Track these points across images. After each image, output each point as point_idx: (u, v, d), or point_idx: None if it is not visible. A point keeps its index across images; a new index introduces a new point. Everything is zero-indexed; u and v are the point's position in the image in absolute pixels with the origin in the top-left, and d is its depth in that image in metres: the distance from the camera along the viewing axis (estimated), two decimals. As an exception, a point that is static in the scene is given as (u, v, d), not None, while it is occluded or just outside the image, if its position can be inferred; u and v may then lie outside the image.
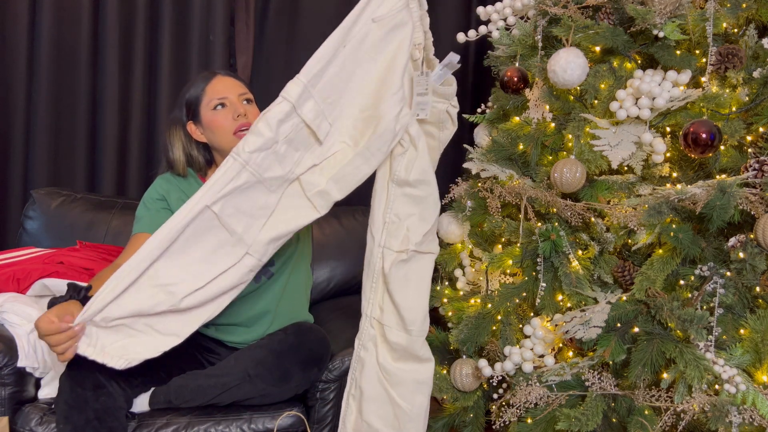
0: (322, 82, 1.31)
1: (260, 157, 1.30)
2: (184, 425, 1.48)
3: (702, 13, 1.55)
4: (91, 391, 1.33)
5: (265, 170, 1.31)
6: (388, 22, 1.33)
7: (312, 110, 1.31)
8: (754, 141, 1.57)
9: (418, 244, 1.41)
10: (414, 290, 1.42)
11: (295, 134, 1.32)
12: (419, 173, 1.39)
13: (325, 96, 1.32)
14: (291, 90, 1.29)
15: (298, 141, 1.33)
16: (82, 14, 2.29)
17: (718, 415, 1.38)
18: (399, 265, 1.39)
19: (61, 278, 1.61)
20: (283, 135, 1.30)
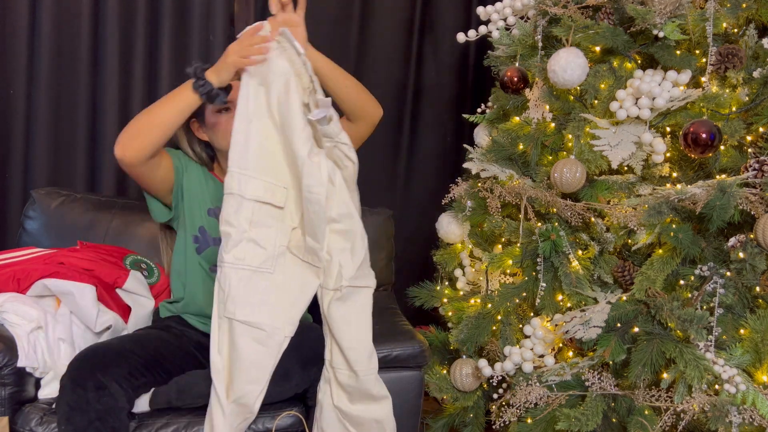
0: (251, 160, 1.35)
1: (241, 252, 1.34)
2: (184, 425, 1.48)
3: (702, 13, 1.55)
4: (92, 391, 1.33)
5: (251, 260, 1.35)
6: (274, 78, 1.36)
7: (258, 187, 1.35)
8: (754, 141, 1.57)
9: (352, 279, 1.40)
10: (354, 329, 1.41)
11: (257, 216, 1.35)
12: (340, 207, 1.39)
13: (260, 169, 1.36)
14: (229, 184, 1.34)
15: (263, 219, 1.36)
16: (82, 14, 2.29)
17: (718, 415, 1.38)
18: (336, 305, 1.40)
19: (61, 278, 1.61)
20: (246, 222, 1.34)
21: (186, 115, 1.43)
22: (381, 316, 1.83)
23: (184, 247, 1.63)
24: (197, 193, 1.63)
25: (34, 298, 1.62)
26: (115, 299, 1.70)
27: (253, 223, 1.35)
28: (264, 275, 1.36)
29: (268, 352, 1.35)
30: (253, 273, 1.35)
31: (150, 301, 1.78)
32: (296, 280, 1.38)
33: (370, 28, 2.61)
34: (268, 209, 1.36)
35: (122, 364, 1.40)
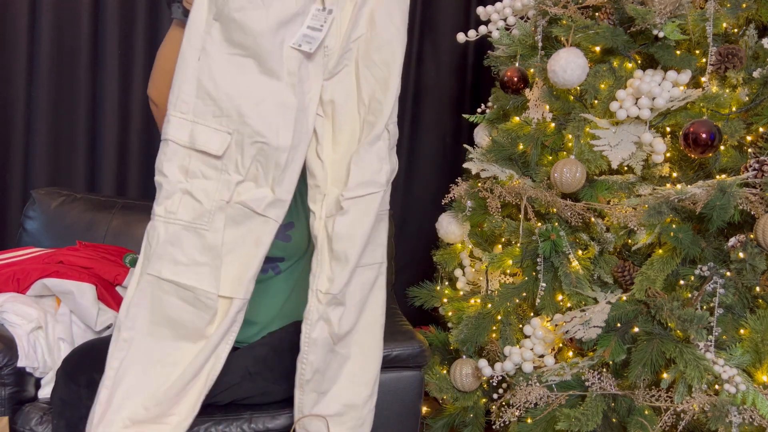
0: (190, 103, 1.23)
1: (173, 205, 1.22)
2: (184, 425, 1.48)
3: (702, 13, 1.55)
4: (85, 387, 1.33)
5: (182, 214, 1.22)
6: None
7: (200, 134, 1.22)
8: (754, 141, 1.57)
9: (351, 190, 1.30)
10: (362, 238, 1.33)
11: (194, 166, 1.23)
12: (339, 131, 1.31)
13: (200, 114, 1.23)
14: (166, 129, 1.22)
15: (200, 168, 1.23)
16: (82, 14, 2.29)
17: (718, 415, 1.38)
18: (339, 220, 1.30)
19: (61, 278, 1.61)
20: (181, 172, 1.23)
21: None
22: (381, 316, 1.83)
23: None
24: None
25: (34, 297, 1.62)
26: (115, 297, 1.71)
27: (189, 173, 1.23)
28: (197, 232, 1.23)
29: (197, 313, 1.23)
30: (183, 229, 1.22)
31: (150, 300, 1.78)
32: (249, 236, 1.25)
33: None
34: (205, 158, 1.23)
35: None
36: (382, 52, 1.30)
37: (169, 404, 1.23)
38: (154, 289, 1.21)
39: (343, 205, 1.28)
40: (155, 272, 1.21)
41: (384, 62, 1.30)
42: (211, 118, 1.23)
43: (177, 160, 1.22)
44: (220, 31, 1.21)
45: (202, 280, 1.22)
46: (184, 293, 1.22)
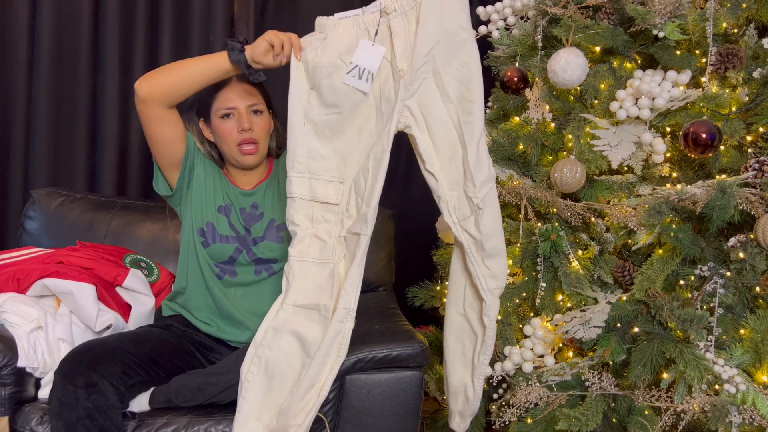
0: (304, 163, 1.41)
1: (306, 247, 1.41)
2: (184, 425, 1.48)
3: (702, 13, 1.55)
4: (82, 388, 1.33)
5: (313, 252, 1.41)
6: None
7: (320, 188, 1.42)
8: (754, 141, 1.57)
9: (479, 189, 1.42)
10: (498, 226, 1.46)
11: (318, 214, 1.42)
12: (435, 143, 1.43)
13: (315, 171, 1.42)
14: (289, 189, 1.41)
15: (324, 215, 1.42)
16: (82, 14, 2.29)
17: (718, 415, 1.38)
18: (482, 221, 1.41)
19: (61, 278, 1.61)
20: (308, 221, 1.41)
21: (211, 76, 1.46)
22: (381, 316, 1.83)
23: (190, 239, 1.64)
24: (209, 188, 1.64)
25: (34, 298, 1.62)
26: (115, 298, 1.70)
27: (314, 219, 1.42)
28: (324, 265, 1.42)
29: (318, 327, 1.39)
30: (314, 265, 1.41)
31: (150, 299, 1.78)
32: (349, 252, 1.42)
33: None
34: (326, 206, 1.42)
35: (116, 361, 1.40)
36: (460, 55, 1.38)
37: (294, 413, 1.37)
38: (289, 316, 1.39)
39: (480, 205, 1.40)
40: (291, 302, 1.39)
41: (464, 64, 1.39)
42: (324, 173, 1.42)
43: (303, 211, 1.42)
44: (316, 98, 1.39)
45: (323, 297, 1.40)
46: (310, 313, 1.40)
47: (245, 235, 1.63)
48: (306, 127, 1.40)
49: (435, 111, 1.40)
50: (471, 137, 1.39)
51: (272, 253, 1.63)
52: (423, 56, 1.35)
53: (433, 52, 1.36)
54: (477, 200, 1.39)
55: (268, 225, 1.64)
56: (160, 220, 2.07)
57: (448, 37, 1.37)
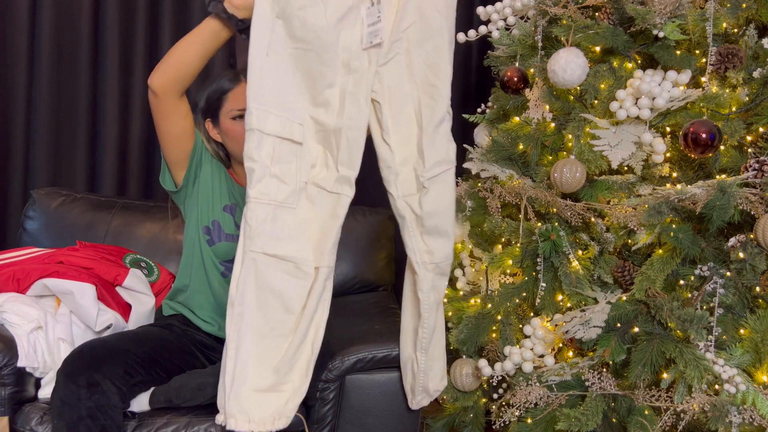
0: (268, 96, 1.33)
1: (265, 187, 1.33)
2: (184, 425, 1.48)
3: (702, 13, 1.55)
4: (84, 388, 1.33)
5: (275, 195, 1.34)
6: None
7: (276, 123, 1.33)
8: (754, 141, 1.57)
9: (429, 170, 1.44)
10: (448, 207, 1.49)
11: (278, 152, 1.34)
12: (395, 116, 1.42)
13: (279, 105, 1.34)
14: (249, 120, 1.31)
15: (284, 155, 1.35)
16: (82, 14, 2.29)
17: (718, 415, 1.38)
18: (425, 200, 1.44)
19: (61, 278, 1.61)
20: (268, 158, 1.33)
21: (207, 44, 1.44)
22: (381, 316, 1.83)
23: (195, 237, 1.64)
24: (216, 186, 1.64)
25: (34, 298, 1.62)
26: (116, 298, 1.71)
27: (274, 158, 1.35)
28: (288, 210, 1.36)
29: (298, 283, 1.34)
30: (277, 208, 1.35)
31: (150, 298, 1.78)
32: (325, 211, 1.39)
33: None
34: (288, 145, 1.36)
35: (117, 361, 1.40)
36: (433, 40, 1.43)
37: (284, 373, 1.33)
38: (258, 266, 1.31)
39: (425, 184, 1.43)
40: (259, 249, 1.31)
41: (435, 48, 1.44)
42: (286, 110, 1.34)
43: (264, 146, 1.33)
44: (283, 28, 1.32)
45: (301, 250, 1.34)
46: (285, 265, 1.33)
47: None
48: (270, 58, 1.33)
49: (400, 87, 1.42)
50: (429, 120, 1.43)
51: None
52: (399, 32, 1.38)
53: (409, 30, 1.39)
54: (423, 179, 1.43)
55: None
56: (160, 220, 2.07)
57: (424, 20, 1.41)
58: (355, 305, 1.97)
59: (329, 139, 1.37)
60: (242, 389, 1.28)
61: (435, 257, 1.47)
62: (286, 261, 1.33)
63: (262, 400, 1.31)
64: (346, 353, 1.56)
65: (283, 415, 1.33)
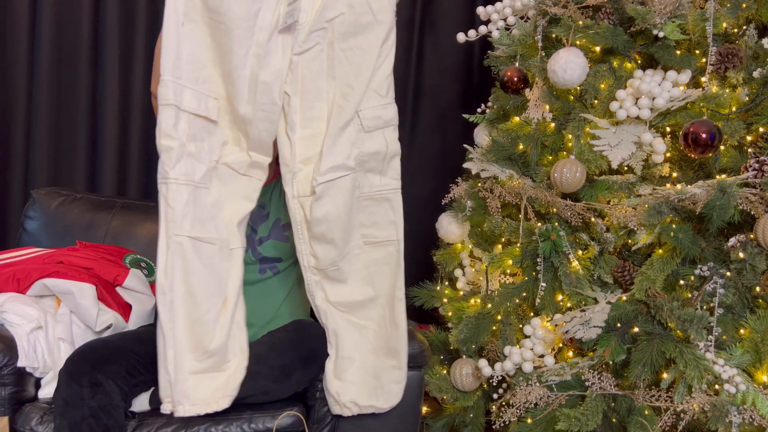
0: (183, 68, 1.27)
1: (182, 167, 1.28)
2: (185, 425, 1.47)
3: (702, 13, 1.55)
4: (87, 388, 1.33)
5: (192, 174, 1.30)
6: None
7: (192, 98, 1.28)
8: (754, 141, 1.57)
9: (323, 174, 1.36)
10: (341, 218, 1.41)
11: (193, 129, 1.29)
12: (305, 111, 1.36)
13: (194, 78, 1.28)
14: (163, 93, 1.26)
15: (199, 132, 1.30)
16: (82, 14, 2.29)
17: (718, 415, 1.38)
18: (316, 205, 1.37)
19: (61, 278, 1.61)
20: (184, 135, 1.28)
21: None
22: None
23: None
24: None
25: (34, 298, 1.62)
26: (116, 298, 1.70)
27: (189, 136, 1.29)
28: (204, 191, 1.32)
29: (222, 264, 1.33)
30: (195, 188, 1.31)
31: (151, 298, 1.78)
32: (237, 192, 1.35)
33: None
34: (203, 122, 1.30)
35: (120, 361, 1.40)
36: (358, 38, 1.33)
37: (221, 355, 1.32)
38: (184, 250, 1.28)
39: (317, 190, 1.34)
40: (185, 233, 1.28)
41: (359, 47, 1.34)
42: (201, 84, 1.28)
43: (181, 123, 1.27)
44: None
45: (220, 231, 1.32)
46: (210, 248, 1.30)
47: (251, 235, 1.63)
48: (186, 28, 1.27)
49: (316, 81, 1.35)
50: (336, 121, 1.35)
51: (277, 251, 1.63)
52: (324, 20, 1.31)
53: (335, 21, 1.32)
54: (315, 183, 1.35)
55: (273, 224, 1.65)
56: (160, 220, 2.07)
57: (353, 14, 1.33)
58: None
59: (239, 123, 1.32)
60: (181, 375, 1.28)
61: (320, 263, 1.42)
62: (210, 243, 1.30)
63: (202, 382, 1.30)
64: (346, 353, 1.56)
65: (226, 394, 1.32)
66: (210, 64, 1.29)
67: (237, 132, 1.33)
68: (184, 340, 1.28)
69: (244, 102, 1.29)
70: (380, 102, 1.38)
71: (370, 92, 1.36)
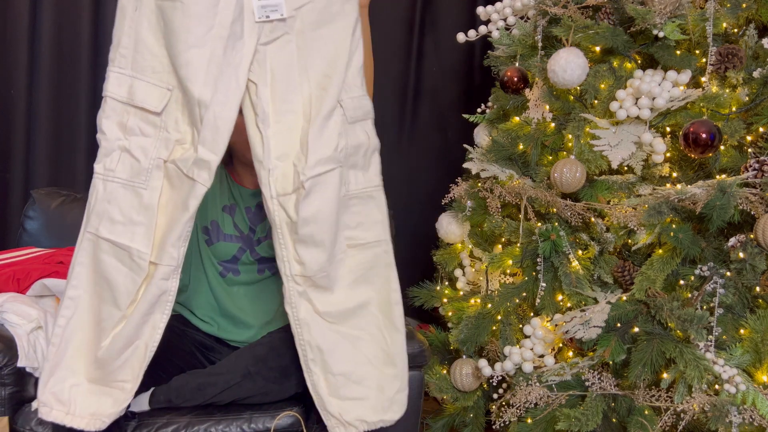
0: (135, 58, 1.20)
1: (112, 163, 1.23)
2: (184, 425, 1.48)
3: (702, 13, 1.55)
4: None
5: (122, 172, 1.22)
6: None
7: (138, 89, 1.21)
8: (754, 141, 1.57)
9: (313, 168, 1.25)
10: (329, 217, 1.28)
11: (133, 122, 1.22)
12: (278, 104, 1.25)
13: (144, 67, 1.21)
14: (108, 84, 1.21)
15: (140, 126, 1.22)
16: (82, 14, 2.29)
17: (718, 415, 1.38)
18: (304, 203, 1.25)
19: (61, 278, 1.61)
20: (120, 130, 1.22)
21: None
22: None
23: (194, 237, 1.64)
24: (216, 187, 1.63)
25: (34, 298, 1.62)
26: (115, 299, 1.71)
27: (127, 130, 1.22)
28: (134, 191, 1.22)
29: (130, 275, 1.21)
30: (122, 187, 1.22)
31: (150, 300, 1.78)
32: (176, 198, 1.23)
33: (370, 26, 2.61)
34: (143, 114, 1.21)
35: None
36: (329, 27, 1.27)
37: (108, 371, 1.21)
38: (93, 248, 1.21)
39: (306, 185, 1.23)
40: (93, 230, 1.20)
41: (330, 37, 1.27)
42: (151, 74, 1.21)
43: (116, 116, 1.21)
44: None
45: (136, 239, 1.20)
46: (119, 253, 1.20)
47: (249, 235, 1.63)
48: (137, 13, 1.20)
49: (288, 73, 1.26)
50: (318, 113, 1.26)
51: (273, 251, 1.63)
52: (292, 9, 1.24)
53: (303, 9, 1.25)
54: (304, 177, 1.23)
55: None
56: (160, 220, 2.07)
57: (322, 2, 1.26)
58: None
59: (193, 110, 1.21)
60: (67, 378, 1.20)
61: (307, 269, 1.27)
62: (119, 248, 1.20)
63: (86, 395, 1.21)
64: (346, 353, 1.56)
65: (104, 416, 1.21)
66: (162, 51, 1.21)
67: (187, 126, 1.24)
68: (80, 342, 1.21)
69: (201, 84, 1.20)
70: (359, 92, 1.31)
71: (348, 82, 1.29)
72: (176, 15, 1.18)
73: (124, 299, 1.21)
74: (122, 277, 1.20)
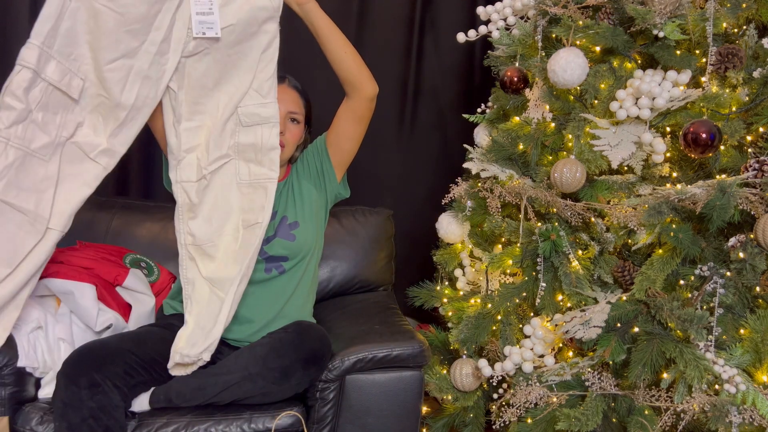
0: (57, 40, 1.31)
1: (20, 130, 1.30)
2: (184, 425, 1.48)
3: (702, 13, 1.55)
4: (86, 389, 1.34)
5: (30, 142, 1.32)
6: None
7: (56, 71, 1.31)
8: (754, 141, 1.57)
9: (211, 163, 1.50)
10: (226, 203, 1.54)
11: (47, 98, 1.31)
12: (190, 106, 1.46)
13: (65, 53, 1.32)
14: (27, 55, 1.28)
15: (52, 104, 1.33)
16: (82, 14, 2.29)
17: (718, 415, 1.38)
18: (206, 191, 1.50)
19: (61, 278, 1.61)
20: (34, 102, 1.30)
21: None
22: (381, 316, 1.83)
23: None
24: None
25: (34, 298, 1.62)
26: (116, 298, 1.71)
27: (41, 104, 1.32)
28: (39, 161, 1.34)
29: (25, 238, 1.34)
30: (28, 155, 1.32)
31: (151, 298, 1.78)
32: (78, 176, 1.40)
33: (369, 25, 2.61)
34: (60, 97, 1.34)
35: (118, 362, 1.40)
36: (243, 44, 1.46)
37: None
38: None
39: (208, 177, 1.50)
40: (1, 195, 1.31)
41: (243, 52, 1.47)
42: (71, 60, 1.33)
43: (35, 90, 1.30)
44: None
45: (40, 206, 1.34)
46: (18, 216, 1.32)
47: None
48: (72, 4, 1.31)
49: (202, 79, 1.46)
50: (222, 116, 1.48)
51: (284, 250, 1.64)
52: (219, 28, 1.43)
53: (225, 31, 1.43)
54: (206, 171, 1.50)
55: (280, 222, 1.65)
56: (160, 220, 2.07)
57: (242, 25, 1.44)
58: (355, 305, 1.97)
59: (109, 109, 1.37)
60: None
61: (197, 239, 1.52)
62: (21, 213, 1.32)
63: None
64: (346, 353, 1.56)
65: None
66: (86, 45, 1.33)
67: (98, 116, 1.39)
68: None
69: (125, 90, 1.38)
70: (260, 101, 1.51)
71: (252, 92, 1.49)
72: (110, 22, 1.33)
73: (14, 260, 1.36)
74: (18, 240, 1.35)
